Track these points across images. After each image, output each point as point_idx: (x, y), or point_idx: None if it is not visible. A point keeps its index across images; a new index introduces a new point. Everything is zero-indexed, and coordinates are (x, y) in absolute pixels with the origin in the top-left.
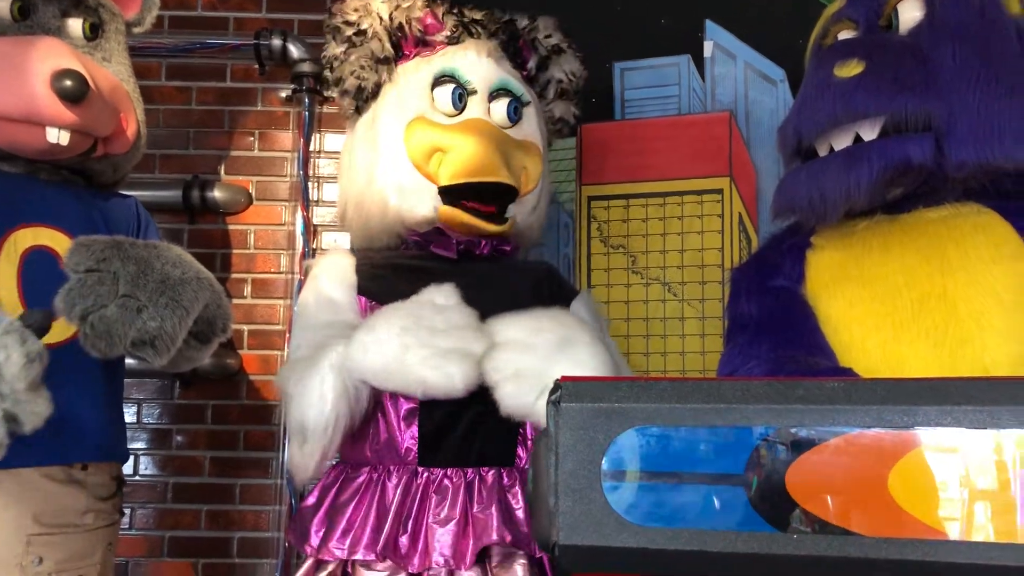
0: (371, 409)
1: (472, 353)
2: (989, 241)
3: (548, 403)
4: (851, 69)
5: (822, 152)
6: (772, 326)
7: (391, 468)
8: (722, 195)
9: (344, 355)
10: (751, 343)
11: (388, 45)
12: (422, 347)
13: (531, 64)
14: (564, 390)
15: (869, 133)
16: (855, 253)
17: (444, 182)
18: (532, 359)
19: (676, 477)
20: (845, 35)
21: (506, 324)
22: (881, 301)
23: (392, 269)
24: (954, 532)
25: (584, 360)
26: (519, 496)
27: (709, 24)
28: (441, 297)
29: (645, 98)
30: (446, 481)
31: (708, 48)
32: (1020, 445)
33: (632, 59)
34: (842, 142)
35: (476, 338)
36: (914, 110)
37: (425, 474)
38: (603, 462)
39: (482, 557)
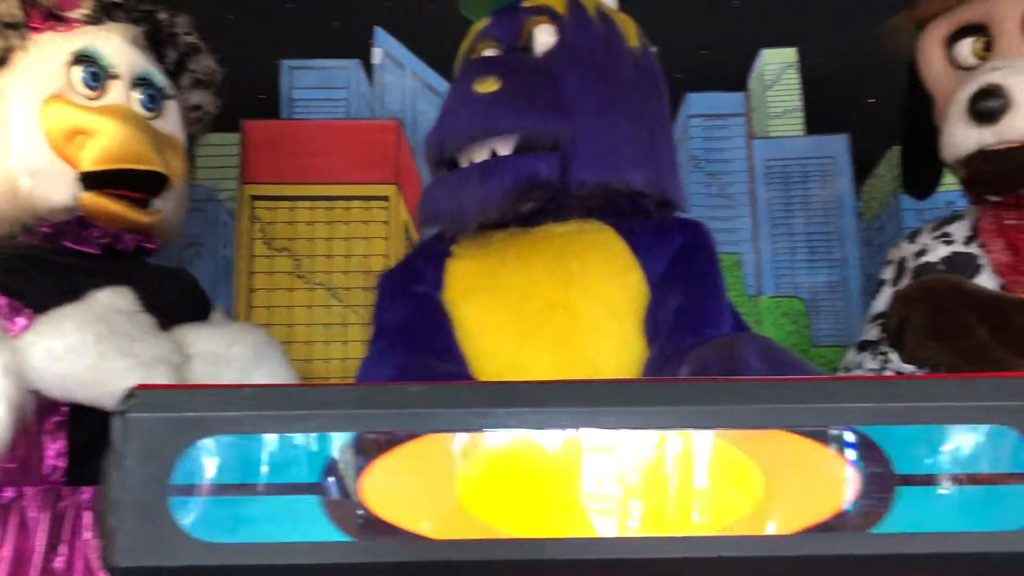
0: None
1: (174, 363)
2: (605, 256)
3: (114, 415)
4: (488, 86)
5: (464, 164)
6: (409, 332)
7: (27, 491)
8: (388, 202)
9: (16, 360)
10: (388, 349)
11: (18, 10)
12: (124, 356)
13: (170, 59)
14: (136, 399)
15: (504, 149)
16: (490, 263)
17: (88, 167)
18: (232, 373)
19: (249, 489)
20: (489, 53)
21: (197, 335)
22: (510, 309)
23: (31, 263)
24: (520, 532)
25: (280, 373)
26: None
27: (379, 31)
28: (123, 301)
29: (313, 99)
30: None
31: (377, 55)
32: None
33: (302, 58)
34: (480, 156)
35: (172, 348)
36: (543, 130)
37: (73, 495)
38: (172, 476)
39: None
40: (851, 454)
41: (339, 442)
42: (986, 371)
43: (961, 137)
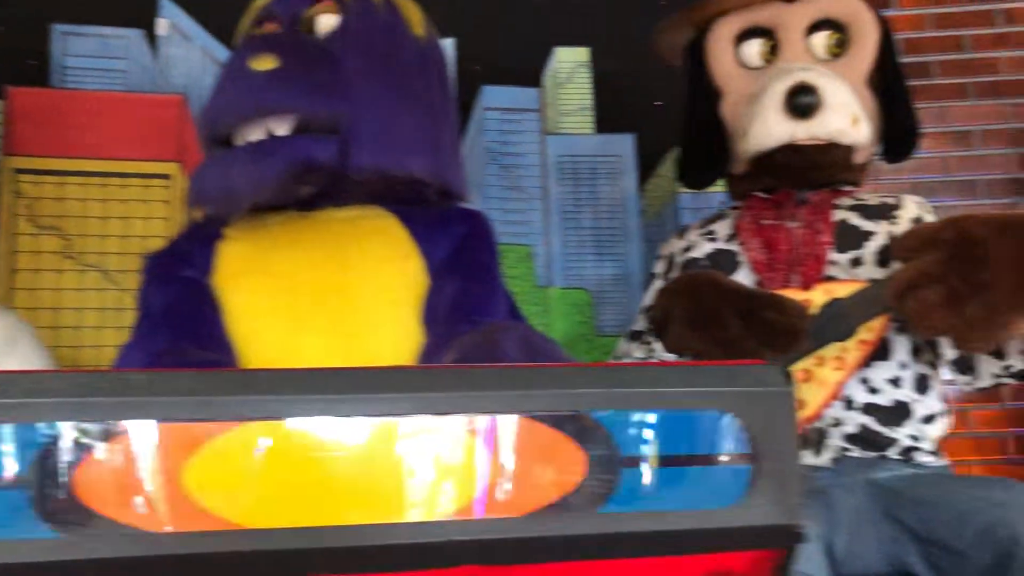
0: None
1: None
2: (385, 242)
3: None
4: (265, 63)
5: (239, 143)
6: (172, 316)
7: None
8: (169, 181)
9: None
10: (149, 334)
11: None
12: None
13: None
14: None
15: (280, 130)
16: (264, 246)
17: None
18: None
19: None
20: (270, 30)
21: None
22: (284, 294)
23: None
24: (249, 522)
25: (34, 358)
26: None
27: (165, 2)
28: None
29: (88, 68)
30: None
31: (163, 26)
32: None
33: (76, 23)
34: (255, 135)
35: None
36: (322, 112)
37: None
38: None
39: None
40: (580, 437)
41: (51, 432)
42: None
43: (776, 128)
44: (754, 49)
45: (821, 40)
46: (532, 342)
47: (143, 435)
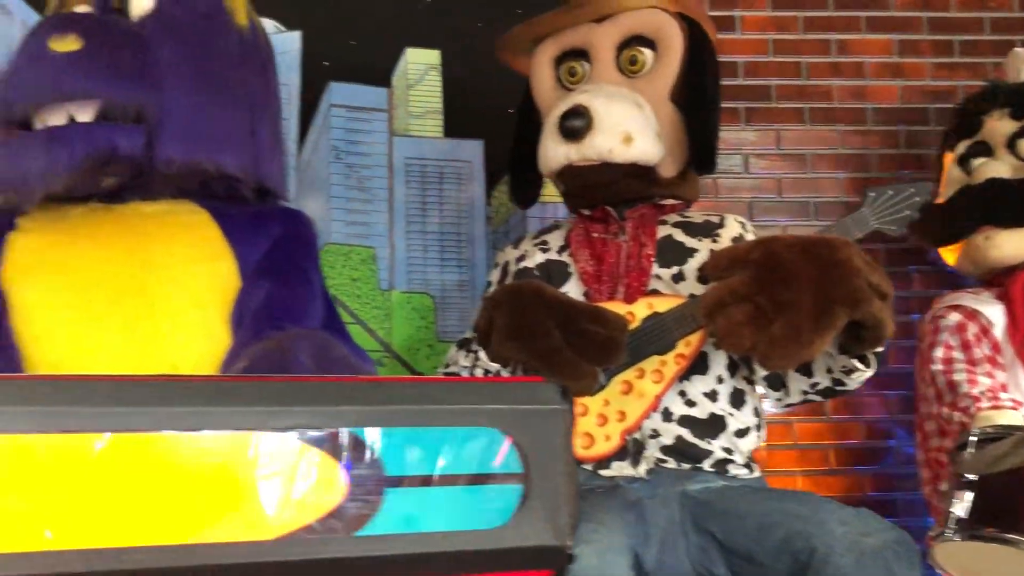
0: None
1: None
2: (194, 240)
3: None
4: (67, 44)
5: (37, 127)
6: None
7: None
8: None
9: None
10: None
11: None
12: None
13: None
14: None
15: (83, 116)
16: (61, 240)
17: None
18: None
19: None
20: (80, 9)
21: None
22: (79, 291)
23: None
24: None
25: None
26: None
27: None
28: None
29: None
30: None
31: None
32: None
33: None
34: (55, 120)
35: None
36: (126, 99)
37: None
38: None
39: None
40: (343, 456)
41: None
42: (557, 372)
43: (552, 152)
44: (568, 70)
45: (625, 57)
46: (328, 352)
47: None
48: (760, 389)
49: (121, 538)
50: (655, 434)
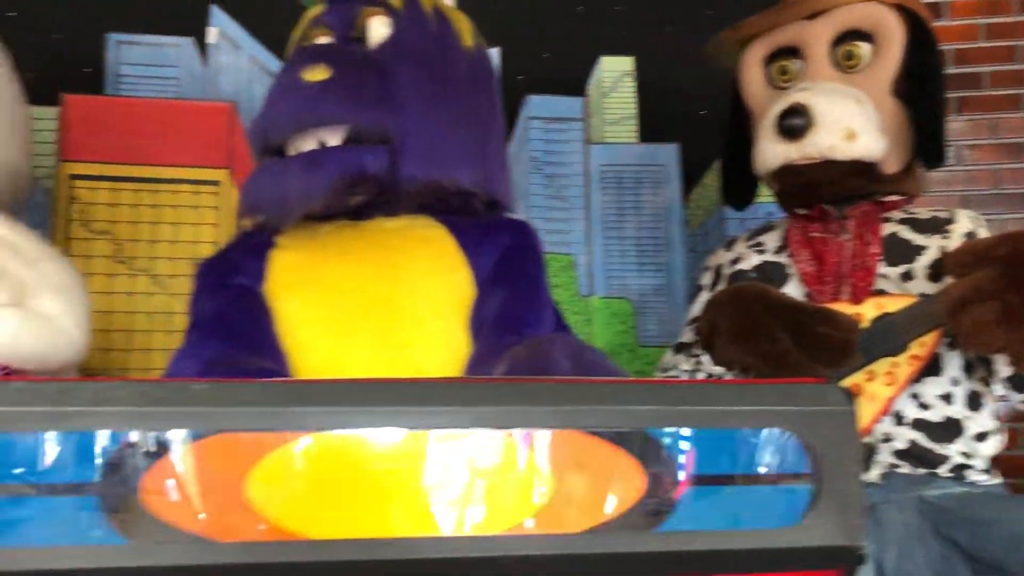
0: None
1: None
2: (433, 253)
3: None
4: (317, 74)
5: (291, 153)
6: (225, 324)
7: None
8: (219, 187)
9: None
10: (200, 342)
11: None
12: None
13: None
14: None
15: (332, 140)
16: (315, 256)
17: None
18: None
19: (21, 489)
20: (321, 41)
21: None
22: (332, 304)
23: None
24: (313, 533)
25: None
26: None
27: (215, 10)
28: None
29: (142, 76)
30: None
31: (212, 35)
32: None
33: (131, 32)
34: (307, 145)
35: None
36: (372, 122)
37: None
38: None
39: None
40: (639, 455)
41: (118, 441)
42: (786, 375)
43: (770, 152)
44: (780, 69)
45: (841, 53)
46: (583, 355)
47: (207, 445)
48: (999, 391)
49: (439, 528)
50: (887, 438)
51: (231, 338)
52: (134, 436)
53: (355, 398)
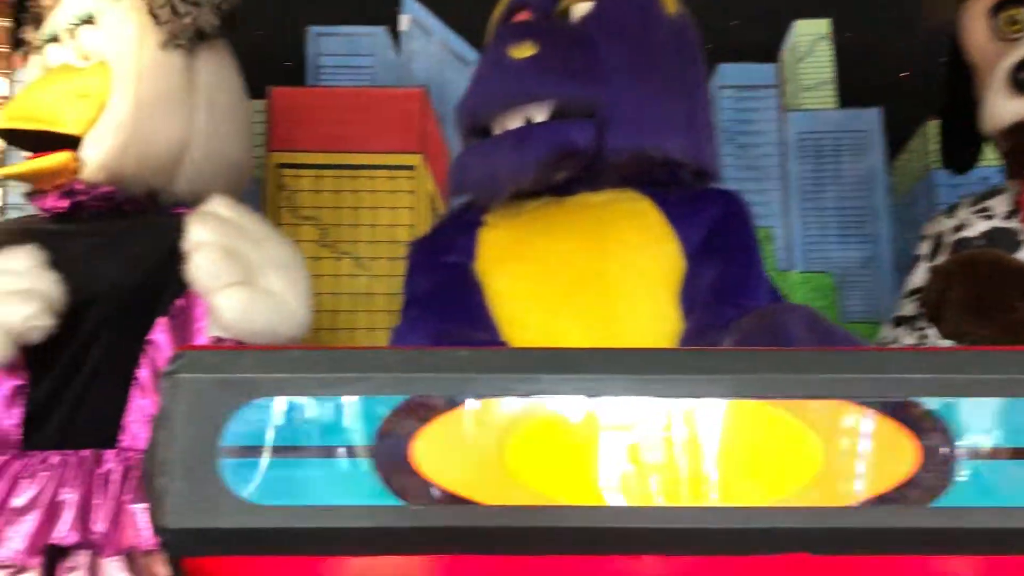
0: None
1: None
2: (641, 225)
3: (163, 375)
4: (524, 51)
5: (497, 132)
6: (441, 301)
7: None
8: (414, 172)
9: None
10: (419, 317)
11: None
12: None
13: None
14: (182, 360)
15: (539, 116)
16: (523, 232)
17: None
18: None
19: (300, 451)
20: (523, 18)
21: None
22: (542, 279)
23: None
24: (574, 499)
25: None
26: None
27: None
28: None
29: (339, 66)
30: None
31: (404, 22)
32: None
33: (328, 24)
34: (514, 123)
35: None
36: (579, 97)
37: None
38: (222, 437)
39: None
40: (912, 425)
41: (391, 406)
42: None
43: (1002, 108)
44: (1010, 20)
45: None
46: (817, 322)
47: (473, 409)
48: None
49: (708, 498)
50: None
51: (448, 313)
52: (408, 401)
53: (623, 366)
